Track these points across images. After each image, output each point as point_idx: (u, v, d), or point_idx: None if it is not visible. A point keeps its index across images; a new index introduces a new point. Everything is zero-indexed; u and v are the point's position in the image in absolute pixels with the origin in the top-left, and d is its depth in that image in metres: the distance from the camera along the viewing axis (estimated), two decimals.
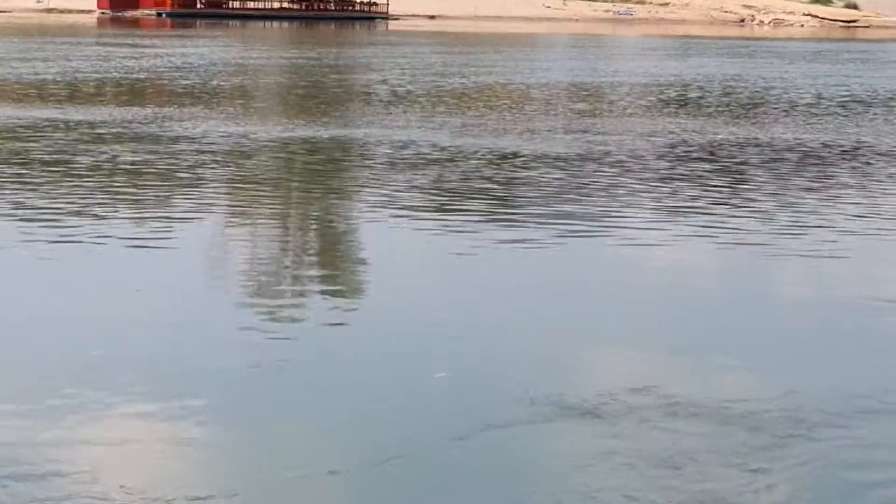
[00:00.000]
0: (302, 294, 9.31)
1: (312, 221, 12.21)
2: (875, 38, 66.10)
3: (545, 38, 63.67)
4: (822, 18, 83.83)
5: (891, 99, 27.35)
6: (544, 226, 11.85)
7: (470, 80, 30.73)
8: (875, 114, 24.06)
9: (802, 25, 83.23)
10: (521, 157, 16.71)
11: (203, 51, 42.25)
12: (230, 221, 12.21)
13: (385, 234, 11.53)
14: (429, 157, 16.58)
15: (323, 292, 9.32)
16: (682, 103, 25.66)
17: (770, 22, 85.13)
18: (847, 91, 29.10)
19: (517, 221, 12.10)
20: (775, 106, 25.26)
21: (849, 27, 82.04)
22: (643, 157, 17.04)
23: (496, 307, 8.90)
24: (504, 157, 16.66)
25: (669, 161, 16.68)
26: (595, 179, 14.88)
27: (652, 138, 19.19)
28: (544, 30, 77.45)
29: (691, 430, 6.44)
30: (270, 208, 12.85)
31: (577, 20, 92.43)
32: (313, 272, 10.13)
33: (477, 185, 14.19)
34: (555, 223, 12.01)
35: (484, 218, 12.22)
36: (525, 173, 15.24)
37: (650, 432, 6.38)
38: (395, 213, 12.41)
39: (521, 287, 9.52)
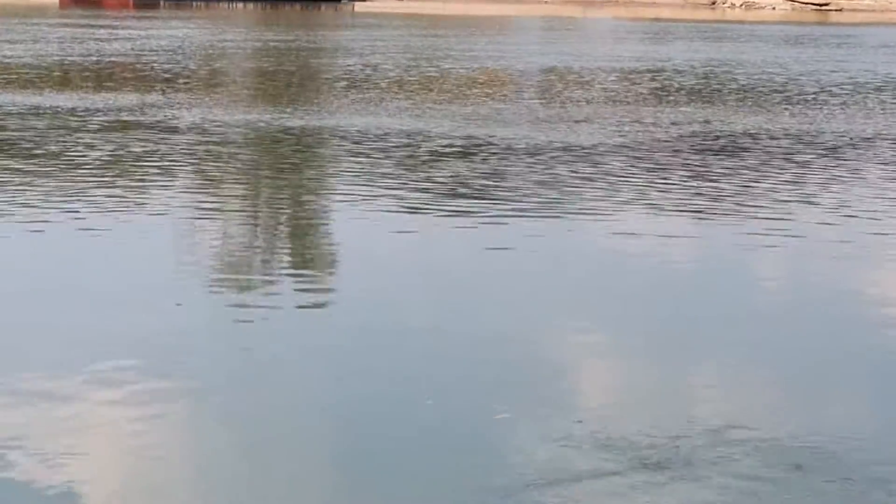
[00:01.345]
0: (293, 296, 8.67)
1: (311, 220, 11.65)
2: (850, 22, 65.54)
3: (519, 21, 62.83)
4: (794, 1, 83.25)
5: None
6: (558, 221, 11.32)
7: (460, 65, 29.81)
8: (885, 101, 23.25)
9: (774, 8, 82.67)
10: (528, 148, 15.85)
11: (175, 33, 41.18)
12: (218, 211, 11.65)
13: (387, 232, 10.99)
14: (441, 149, 15.74)
15: (318, 302, 8.61)
16: (685, 91, 24.81)
17: (741, 5, 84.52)
18: (848, 77, 28.33)
19: (526, 216, 11.49)
20: (783, 93, 24.41)
21: (821, 10, 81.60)
22: (662, 149, 16.21)
23: (508, 313, 8.27)
24: (512, 147, 15.83)
25: (693, 154, 15.87)
26: (611, 171, 14.16)
27: (664, 128, 18.38)
28: (514, 12, 76.59)
29: (768, 477, 5.53)
30: (274, 201, 12.18)
31: (546, 2, 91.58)
32: (305, 273, 9.58)
33: (489, 178, 13.47)
34: (566, 217, 11.52)
35: (499, 211, 11.60)
36: (536, 166, 14.44)
37: (722, 481, 5.47)
38: (402, 210, 11.79)
39: (532, 290, 8.89)
